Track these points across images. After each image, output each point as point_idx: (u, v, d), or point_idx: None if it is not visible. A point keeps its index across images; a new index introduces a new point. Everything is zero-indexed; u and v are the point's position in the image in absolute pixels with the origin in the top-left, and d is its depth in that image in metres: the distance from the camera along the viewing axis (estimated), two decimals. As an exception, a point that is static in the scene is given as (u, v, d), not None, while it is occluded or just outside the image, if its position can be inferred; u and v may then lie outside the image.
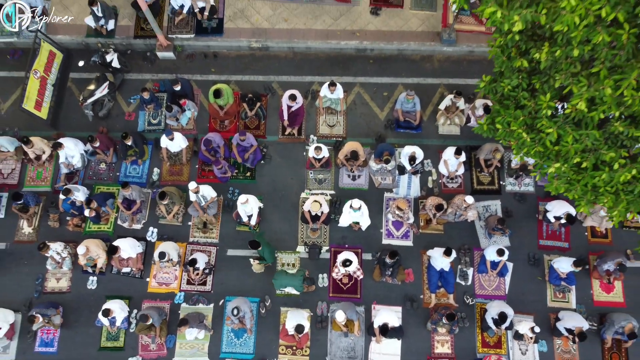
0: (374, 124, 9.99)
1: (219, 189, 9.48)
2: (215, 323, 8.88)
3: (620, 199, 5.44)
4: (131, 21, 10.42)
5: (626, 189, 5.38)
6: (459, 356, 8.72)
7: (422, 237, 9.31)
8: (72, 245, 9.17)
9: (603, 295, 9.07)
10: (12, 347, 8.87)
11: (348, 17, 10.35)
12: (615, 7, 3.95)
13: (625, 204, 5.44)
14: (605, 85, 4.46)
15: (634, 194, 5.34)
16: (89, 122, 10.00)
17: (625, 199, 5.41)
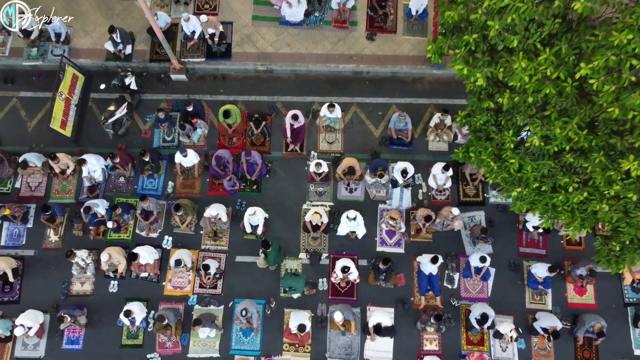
0: (370, 141, 10.96)
1: (228, 201, 10.46)
2: (225, 323, 9.85)
3: (575, 216, 6.41)
4: (147, 46, 11.39)
5: (580, 208, 6.35)
6: (445, 353, 9.68)
7: (412, 245, 10.28)
8: (95, 252, 10.15)
9: (576, 298, 10.03)
10: (42, 345, 9.84)
11: (346, 42, 11.32)
12: (558, 67, 4.92)
13: (579, 220, 6.41)
14: (556, 126, 5.42)
15: (587, 212, 6.31)
16: (109, 139, 10.97)
17: (580, 216, 6.38)
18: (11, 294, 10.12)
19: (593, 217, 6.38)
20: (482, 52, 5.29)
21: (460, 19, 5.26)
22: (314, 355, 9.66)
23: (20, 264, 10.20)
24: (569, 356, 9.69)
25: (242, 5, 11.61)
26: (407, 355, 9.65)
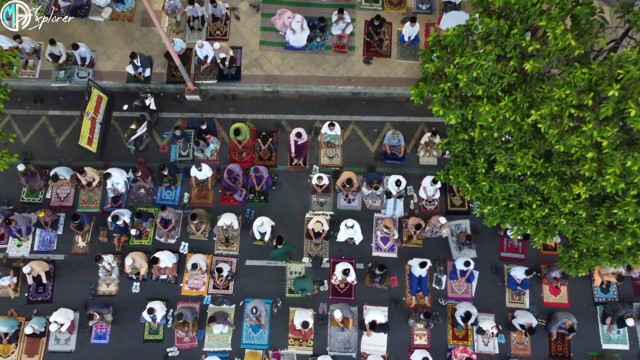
0: (366, 156, 12.13)
1: (239, 210, 11.63)
2: (236, 320, 11.02)
3: (539, 228, 7.58)
4: (164, 69, 12.56)
5: (543, 222, 7.52)
6: (433, 347, 10.86)
7: (405, 250, 11.46)
8: (119, 257, 11.32)
9: (551, 298, 11.21)
10: (73, 340, 11.02)
11: (344, 65, 12.50)
12: (515, 112, 6.08)
13: (543, 232, 7.58)
14: (517, 156, 6.59)
15: (549, 225, 7.48)
16: (130, 154, 12.14)
17: (543, 228, 7.55)
18: (44, 294, 11.30)
19: (554, 229, 7.55)
20: (454, 97, 6.45)
21: (437, 70, 6.42)
22: (316, 349, 10.84)
23: (52, 267, 11.37)
24: (543, 350, 10.86)
25: (251, 32, 12.78)
26: (399, 349, 10.83)
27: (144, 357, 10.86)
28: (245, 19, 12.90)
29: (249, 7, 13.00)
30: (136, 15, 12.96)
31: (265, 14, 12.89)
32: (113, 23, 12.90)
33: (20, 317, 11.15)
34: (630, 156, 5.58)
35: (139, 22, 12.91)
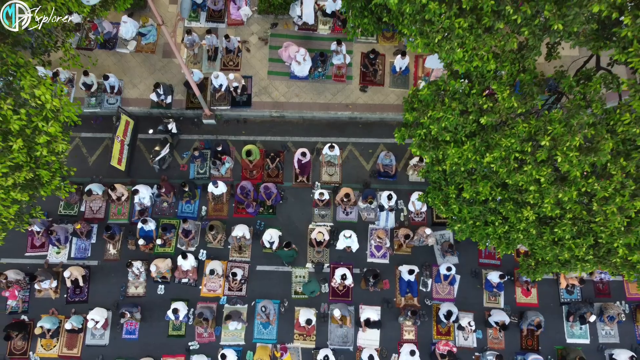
0: (362, 173, 13.87)
1: (250, 222, 13.36)
2: (249, 318, 12.75)
3: (502, 242, 9.31)
4: (183, 96, 14.29)
5: (504, 237, 9.24)
6: (420, 341, 12.57)
7: (395, 257, 13.19)
8: (146, 263, 13.04)
9: (523, 299, 12.94)
10: (106, 335, 12.75)
11: (343, 93, 14.23)
12: (475, 153, 7.81)
13: (505, 245, 9.31)
14: (480, 185, 8.31)
15: (509, 239, 9.20)
16: (154, 172, 13.86)
17: (504, 242, 9.28)
18: (81, 295, 13.03)
19: (514, 242, 9.27)
20: (428, 141, 8.15)
21: (415, 120, 8.14)
22: (318, 343, 12.56)
23: (87, 271, 13.09)
24: (515, 344, 12.59)
25: (260, 63, 14.51)
26: (390, 343, 12.55)
27: (168, 350, 12.59)
28: (255, 51, 14.63)
29: (258, 40, 14.73)
30: (158, 47, 14.69)
31: (273, 46, 14.61)
32: (138, 55, 14.62)
33: (60, 315, 12.88)
34: (562, 190, 7.31)
35: (160, 54, 14.63)
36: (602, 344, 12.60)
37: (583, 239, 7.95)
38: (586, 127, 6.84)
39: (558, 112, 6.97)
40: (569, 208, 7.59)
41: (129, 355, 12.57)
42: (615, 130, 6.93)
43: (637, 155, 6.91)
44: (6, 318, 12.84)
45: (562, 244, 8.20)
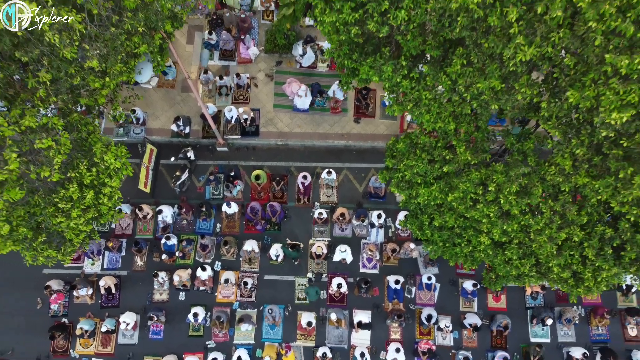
0: (356, 195, 16.07)
1: (258, 237, 15.55)
2: (258, 320, 14.94)
3: (467, 259, 11.51)
4: (199, 127, 16.47)
5: (470, 255, 11.44)
6: (405, 341, 14.76)
7: (384, 267, 15.38)
8: (169, 273, 15.24)
9: (494, 304, 15.14)
10: (135, 335, 14.95)
11: (339, 124, 16.41)
12: (440, 193, 9.99)
13: (470, 262, 11.52)
14: (447, 216, 10.49)
15: (474, 257, 11.40)
16: (175, 193, 16.05)
17: (469, 259, 11.48)
18: (113, 301, 15.23)
19: (477, 260, 11.47)
20: (404, 182, 10.35)
21: (393, 165, 10.35)
22: (317, 342, 14.76)
23: (118, 280, 15.30)
24: (486, 343, 14.80)
25: (266, 97, 16.70)
26: (379, 342, 14.75)
27: (189, 348, 14.80)
28: (262, 86, 16.82)
29: (265, 76, 16.92)
30: (177, 83, 16.88)
31: (278, 82, 16.80)
32: (159, 90, 16.81)
33: (96, 318, 15.09)
34: (506, 223, 9.50)
35: (179, 89, 16.82)
36: (560, 342, 14.82)
37: (527, 259, 10.16)
38: (521, 176, 9.04)
39: (500, 165, 9.17)
40: (513, 236, 9.81)
41: (155, 353, 14.79)
42: (545, 178, 9.13)
43: (562, 198, 9.12)
44: (50, 321, 15.04)
45: (512, 263, 10.40)
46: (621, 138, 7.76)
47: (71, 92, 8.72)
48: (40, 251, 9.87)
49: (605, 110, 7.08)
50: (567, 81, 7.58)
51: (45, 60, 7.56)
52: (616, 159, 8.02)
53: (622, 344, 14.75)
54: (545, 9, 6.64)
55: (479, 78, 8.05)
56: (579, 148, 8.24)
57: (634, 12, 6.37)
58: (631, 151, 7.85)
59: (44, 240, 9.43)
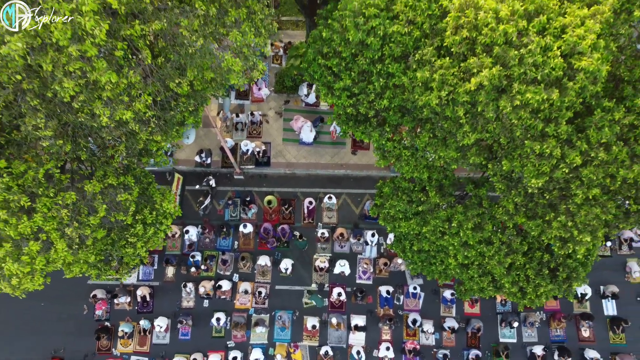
0: (353, 216, 19.11)
1: (270, 253, 18.59)
2: (270, 324, 17.99)
3: (442, 276, 14.55)
4: (219, 158, 19.50)
5: (444, 272, 14.47)
6: (394, 341, 17.82)
7: (377, 279, 18.44)
8: (195, 284, 18.28)
9: (469, 310, 18.20)
10: (167, 337, 18.01)
11: (339, 155, 19.44)
12: (418, 224, 13.01)
13: (443, 278, 14.56)
14: (423, 243, 13.52)
15: (447, 274, 14.43)
16: (199, 216, 19.09)
17: (443, 276, 14.52)
18: (148, 308, 18.28)
19: (450, 276, 14.51)
20: (389, 217, 13.39)
21: (381, 204, 13.40)
22: (320, 342, 17.81)
23: (152, 290, 18.35)
24: (463, 343, 17.85)
25: (276, 132, 19.73)
26: (372, 342, 17.81)
27: (212, 348, 17.86)
28: (272, 122, 19.85)
29: (275, 114, 19.95)
30: (199, 120, 19.88)
31: (286, 118, 19.82)
32: (184, 126, 19.81)
33: (134, 322, 18.13)
34: (466, 250, 12.53)
35: (201, 124, 19.84)
36: (525, 342, 17.88)
37: (485, 277, 13.21)
38: (476, 216, 12.09)
39: (460, 207, 12.23)
40: (473, 260, 12.85)
41: (184, 352, 17.85)
42: (495, 216, 12.17)
43: (508, 232, 12.17)
44: (94, 324, 18.09)
45: (474, 279, 13.44)
46: (545, 191, 10.81)
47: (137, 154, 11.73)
48: (104, 271, 12.88)
49: (527, 177, 10.14)
50: (503, 153, 10.62)
51: (124, 138, 10.55)
52: (542, 206, 11.09)
53: (577, 343, 17.83)
54: (483, 108, 9.64)
55: (442, 147, 11.08)
56: (517, 197, 11.28)
57: (543, 113, 9.39)
58: (553, 201, 10.89)
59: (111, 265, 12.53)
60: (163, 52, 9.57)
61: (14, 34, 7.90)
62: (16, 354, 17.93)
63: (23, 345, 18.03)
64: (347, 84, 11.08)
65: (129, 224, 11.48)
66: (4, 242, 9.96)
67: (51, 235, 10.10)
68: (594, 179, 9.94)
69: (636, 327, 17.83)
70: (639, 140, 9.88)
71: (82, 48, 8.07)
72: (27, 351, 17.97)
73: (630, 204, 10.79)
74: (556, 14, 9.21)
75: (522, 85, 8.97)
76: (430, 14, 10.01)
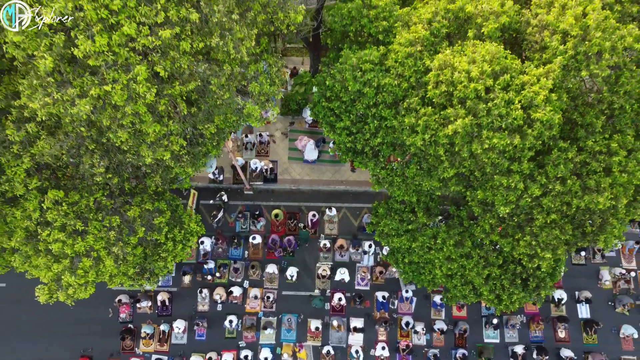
0: (352, 228, 21.25)
1: (277, 262, 20.72)
2: (278, 326, 20.13)
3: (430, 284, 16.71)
4: (230, 175, 21.63)
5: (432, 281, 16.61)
6: (389, 341, 19.95)
7: (374, 285, 20.58)
8: (209, 290, 20.41)
9: (457, 313, 20.34)
10: (185, 337, 20.16)
11: (339, 172, 21.58)
12: (408, 240, 15.15)
13: (431, 286, 16.72)
14: (413, 255, 15.66)
15: (434, 283, 16.59)
16: (212, 227, 21.22)
17: (431, 284, 16.68)
18: (167, 311, 20.42)
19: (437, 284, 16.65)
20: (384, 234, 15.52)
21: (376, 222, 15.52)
22: (322, 342, 19.94)
23: (170, 295, 20.48)
24: (451, 343, 20.00)
25: (282, 151, 21.87)
26: (369, 342, 19.94)
27: (225, 347, 20.00)
28: (279, 142, 21.99)
29: (281, 134, 22.07)
30: (212, 140, 22.01)
31: (291, 139, 21.95)
32: (198, 145, 21.95)
33: (154, 324, 20.26)
34: (450, 263, 14.66)
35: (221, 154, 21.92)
36: (507, 342, 20.03)
37: (466, 286, 15.34)
38: (457, 234, 14.23)
39: (444, 226, 14.37)
40: (456, 271, 14.99)
41: (200, 351, 19.99)
42: (474, 234, 14.31)
43: (485, 247, 14.32)
44: (118, 326, 20.22)
45: (457, 288, 15.59)
46: (514, 215, 12.96)
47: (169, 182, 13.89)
48: (136, 281, 15.01)
49: (497, 205, 12.29)
50: (478, 184, 12.77)
51: (159, 170, 12.66)
52: (512, 227, 13.24)
53: (554, 343, 19.98)
54: (459, 149, 11.76)
55: (427, 178, 13.22)
56: (492, 219, 13.43)
57: (508, 154, 11.52)
58: (521, 223, 13.04)
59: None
60: (195, 102, 11.71)
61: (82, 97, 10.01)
62: (49, 353, 20.06)
63: (55, 344, 20.15)
64: (347, 124, 13.22)
65: (162, 242, 13.61)
66: (62, 258, 12.09)
67: (100, 253, 12.25)
68: (552, 206, 12.09)
69: (607, 329, 19.97)
70: (590, 175, 12.00)
71: (134, 107, 10.20)
72: (58, 350, 20.09)
73: (586, 226, 12.92)
74: (517, 72, 11.36)
75: (489, 132, 11.11)
76: (416, 70, 12.15)
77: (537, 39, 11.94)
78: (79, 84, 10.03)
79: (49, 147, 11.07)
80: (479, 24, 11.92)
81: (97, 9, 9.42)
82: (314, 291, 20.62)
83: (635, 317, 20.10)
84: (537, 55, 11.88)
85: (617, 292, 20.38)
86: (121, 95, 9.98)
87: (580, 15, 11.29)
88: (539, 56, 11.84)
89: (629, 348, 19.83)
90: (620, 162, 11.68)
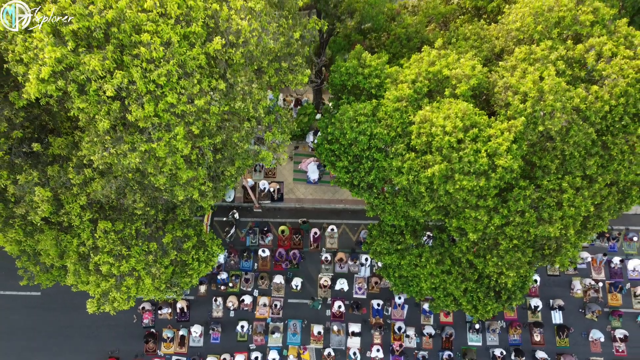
0: (350, 242, 23.97)
1: (284, 273, 23.45)
2: (284, 330, 22.85)
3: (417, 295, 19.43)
4: (241, 194, 24.34)
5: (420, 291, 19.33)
6: (383, 343, 22.67)
7: (370, 294, 23.30)
8: (223, 298, 23.14)
9: (444, 319, 23.05)
10: (201, 340, 22.91)
11: (339, 192, 24.28)
12: (398, 259, 17.83)
13: (419, 296, 19.45)
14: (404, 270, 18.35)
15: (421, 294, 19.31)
16: (225, 242, 23.94)
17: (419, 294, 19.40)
18: (185, 317, 23.17)
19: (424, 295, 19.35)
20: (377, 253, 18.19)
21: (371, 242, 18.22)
22: (324, 345, 22.67)
23: (188, 303, 23.21)
24: (439, 345, 22.72)
25: (288, 173, 24.58)
26: (366, 345, 22.67)
27: (237, 349, 22.75)
28: (285, 165, 24.69)
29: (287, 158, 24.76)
30: (225, 162, 24.73)
31: (296, 162, 24.64)
32: (212, 167, 24.66)
33: (174, 329, 23.01)
34: (434, 279, 17.36)
35: (226, 167, 24.64)
36: (488, 345, 22.75)
37: (448, 297, 18.04)
38: (439, 254, 16.93)
39: (427, 247, 17.08)
40: (438, 285, 17.70)
41: (215, 353, 22.74)
42: (453, 254, 17.01)
43: (463, 265, 17.02)
44: (142, 330, 22.96)
45: (440, 298, 18.29)
46: (483, 240, 15.67)
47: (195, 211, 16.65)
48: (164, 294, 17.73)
49: (468, 232, 14.99)
50: (453, 214, 15.46)
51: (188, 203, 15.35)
52: (483, 249, 15.95)
53: (530, 346, 22.70)
54: (437, 187, 14.42)
55: (412, 208, 15.91)
56: (466, 242, 16.14)
57: (476, 192, 14.21)
58: (490, 246, 15.74)
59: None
60: (220, 151, 14.42)
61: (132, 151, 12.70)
62: (81, 354, 22.83)
63: (85, 346, 22.91)
64: (345, 164, 15.92)
65: (189, 262, 16.35)
66: (110, 278, 14.82)
67: (141, 273, 14.98)
68: (513, 234, 14.78)
69: (577, 333, 22.70)
70: (545, 208, 14.67)
71: (173, 158, 12.90)
72: (88, 352, 22.85)
73: (545, 249, 15.59)
74: (485, 126, 14.04)
75: (461, 175, 13.79)
76: (402, 122, 14.84)
77: (502, 97, 14.60)
78: (130, 140, 12.72)
79: (100, 188, 13.79)
80: (453, 85, 14.58)
81: (146, 84, 12.11)
82: (316, 298, 23.35)
83: (603, 323, 22.80)
84: (503, 111, 14.55)
85: (587, 300, 23.06)
86: (164, 150, 12.67)
87: (537, 79, 13.93)
88: (504, 111, 14.50)
89: (597, 350, 22.53)
90: (569, 198, 14.36)
